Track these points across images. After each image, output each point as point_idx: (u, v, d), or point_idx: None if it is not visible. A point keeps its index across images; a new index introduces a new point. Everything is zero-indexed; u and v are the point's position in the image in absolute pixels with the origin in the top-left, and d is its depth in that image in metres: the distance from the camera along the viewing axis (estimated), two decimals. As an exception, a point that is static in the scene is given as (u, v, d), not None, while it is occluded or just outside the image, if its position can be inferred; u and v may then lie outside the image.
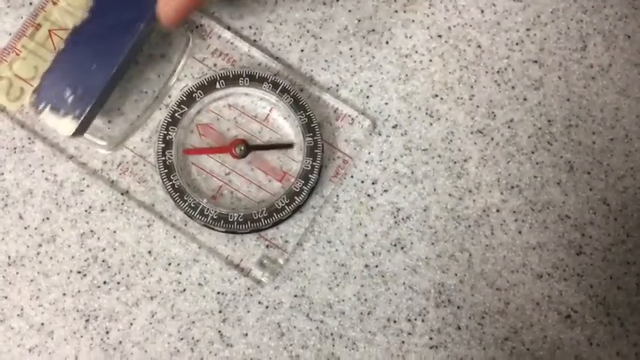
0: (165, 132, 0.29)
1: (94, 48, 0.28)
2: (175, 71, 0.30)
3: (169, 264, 0.30)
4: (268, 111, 0.31)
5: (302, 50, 0.31)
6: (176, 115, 0.29)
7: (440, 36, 0.32)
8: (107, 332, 0.29)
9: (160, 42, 0.31)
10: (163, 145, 0.29)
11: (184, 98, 0.30)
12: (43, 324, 0.29)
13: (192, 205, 0.29)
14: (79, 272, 0.30)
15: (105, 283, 0.30)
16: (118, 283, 0.30)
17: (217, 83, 0.30)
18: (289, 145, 0.30)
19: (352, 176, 0.31)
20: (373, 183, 0.31)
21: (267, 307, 0.30)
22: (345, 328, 0.29)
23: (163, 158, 0.29)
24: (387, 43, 0.31)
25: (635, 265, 0.30)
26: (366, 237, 0.30)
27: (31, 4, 0.32)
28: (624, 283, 0.30)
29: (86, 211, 0.30)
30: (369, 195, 0.30)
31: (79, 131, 0.28)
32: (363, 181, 0.31)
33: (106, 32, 0.28)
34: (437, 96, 0.31)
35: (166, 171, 0.29)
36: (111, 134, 0.30)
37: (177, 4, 0.26)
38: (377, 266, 0.30)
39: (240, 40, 0.31)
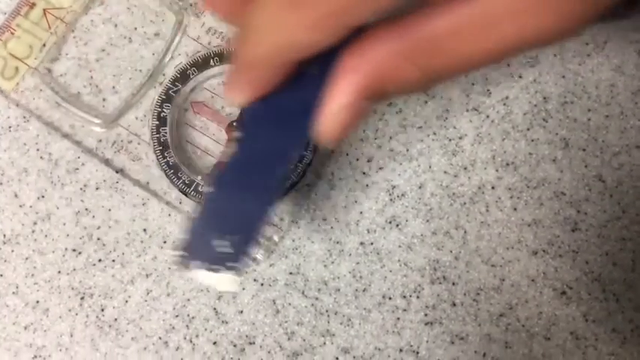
0: (160, 109, 0.29)
1: (245, 185, 0.22)
2: (169, 49, 0.30)
3: (165, 242, 0.30)
4: (263, 89, 0.31)
5: (296, 28, 0.31)
6: (170, 92, 0.29)
7: (435, 14, 0.31)
8: (102, 310, 0.29)
9: (155, 20, 0.31)
10: (157, 123, 0.29)
11: (178, 76, 0.30)
12: (38, 302, 0.29)
13: (187, 182, 0.29)
14: (74, 250, 0.30)
15: (100, 260, 0.30)
16: (113, 260, 0.30)
17: (212, 61, 0.30)
18: None
19: (347, 154, 0.31)
20: (368, 161, 0.31)
21: (262, 284, 0.30)
22: (341, 305, 0.29)
23: (158, 136, 0.29)
24: (381, 21, 0.31)
25: (631, 241, 0.30)
26: (361, 214, 0.30)
27: (25, -17, 0.32)
28: (620, 259, 0.30)
29: (81, 189, 0.30)
30: (364, 173, 0.30)
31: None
32: (358, 159, 0.31)
33: (256, 166, 0.22)
34: (432, 74, 0.31)
35: (161, 148, 0.29)
36: (105, 112, 0.30)
37: (344, 120, 0.20)
38: (372, 243, 0.30)
39: (235, 19, 0.31)
